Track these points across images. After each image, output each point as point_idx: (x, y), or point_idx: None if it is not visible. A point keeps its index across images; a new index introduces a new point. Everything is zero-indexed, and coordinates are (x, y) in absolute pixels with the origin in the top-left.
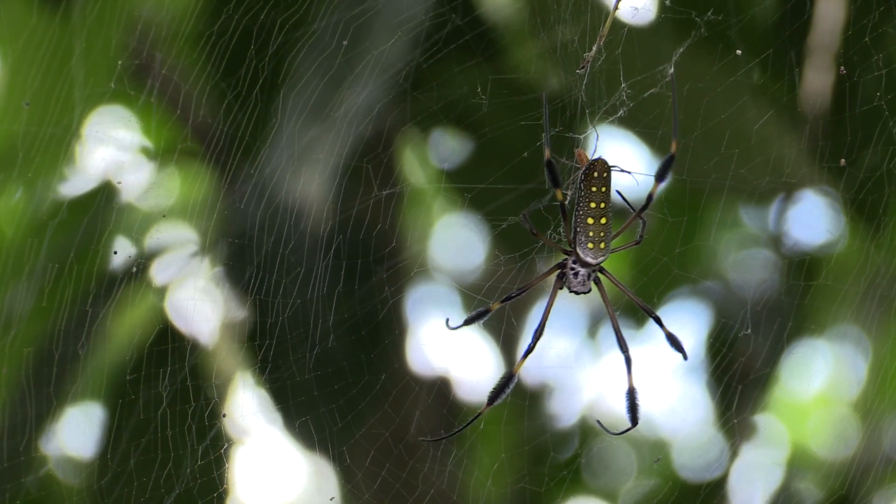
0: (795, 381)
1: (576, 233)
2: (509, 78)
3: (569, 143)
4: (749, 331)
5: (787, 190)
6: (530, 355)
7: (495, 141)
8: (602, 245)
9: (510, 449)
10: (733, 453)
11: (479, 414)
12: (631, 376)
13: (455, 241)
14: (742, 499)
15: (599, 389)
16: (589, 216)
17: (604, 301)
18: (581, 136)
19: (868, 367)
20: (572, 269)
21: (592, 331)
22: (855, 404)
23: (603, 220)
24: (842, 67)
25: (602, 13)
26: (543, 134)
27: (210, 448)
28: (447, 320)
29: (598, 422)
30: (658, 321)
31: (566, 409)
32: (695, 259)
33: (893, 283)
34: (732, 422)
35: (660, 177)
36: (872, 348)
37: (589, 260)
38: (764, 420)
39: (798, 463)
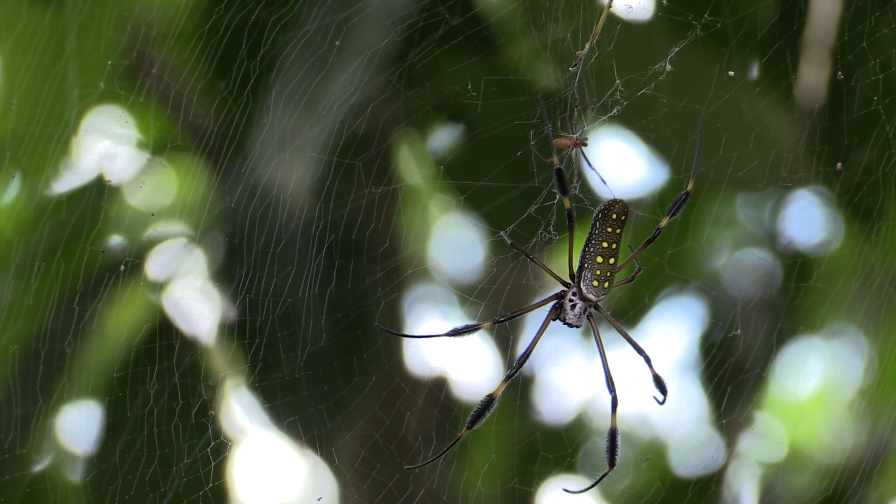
0: (791, 380)
1: (582, 267)
2: (504, 79)
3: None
4: (738, 331)
5: (784, 191)
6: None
7: (489, 141)
8: (606, 284)
9: (502, 448)
10: (729, 451)
11: (459, 438)
12: (615, 417)
13: (449, 242)
14: (737, 496)
15: (593, 388)
16: (598, 254)
17: (595, 337)
18: (575, 135)
19: (864, 366)
20: (571, 301)
21: (586, 331)
22: (851, 403)
23: (611, 260)
24: (839, 73)
25: (596, 11)
26: (549, 141)
27: (198, 446)
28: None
29: (566, 489)
30: (647, 361)
31: (559, 408)
32: (688, 259)
33: (887, 282)
34: (728, 420)
35: (671, 213)
36: (869, 348)
37: (590, 296)
38: (759, 418)
39: (794, 461)
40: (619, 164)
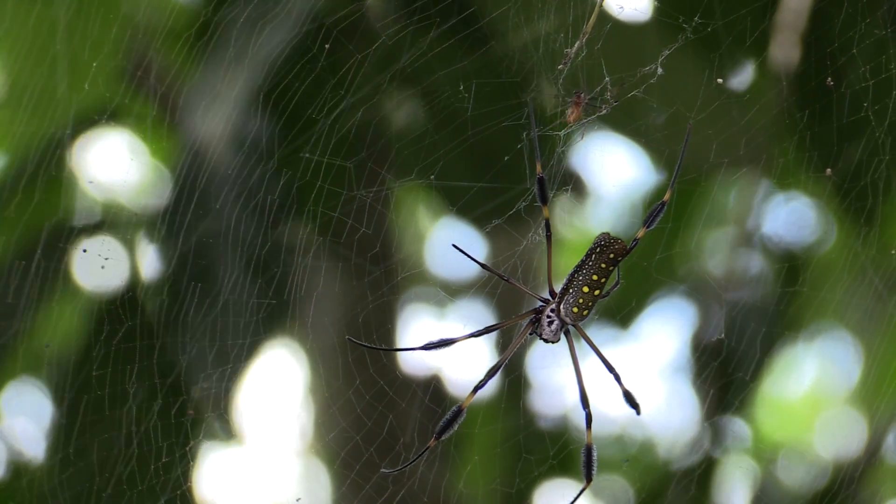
0: (782, 380)
1: (566, 292)
2: (494, 82)
3: (550, 141)
4: (722, 335)
5: (775, 195)
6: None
7: (479, 143)
8: (585, 312)
9: (491, 448)
10: (719, 450)
11: (427, 448)
12: (590, 433)
13: (442, 244)
14: (727, 495)
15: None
16: (585, 285)
17: (571, 354)
18: (561, 134)
19: (857, 366)
20: (549, 317)
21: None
22: (843, 403)
23: (596, 292)
24: (829, 79)
25: (587, 9)
26: (534, 149)
27: (175, 445)
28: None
29: None
30: (617, 378)
31: (550, 409)
32: (680, 262)
33: (877, 279)
34: (718, 420)
35: (648, 223)
36: (860, 348)
37: (567, 319)
38: (751, 418)
39: (785, 460)
40: (609, 168)
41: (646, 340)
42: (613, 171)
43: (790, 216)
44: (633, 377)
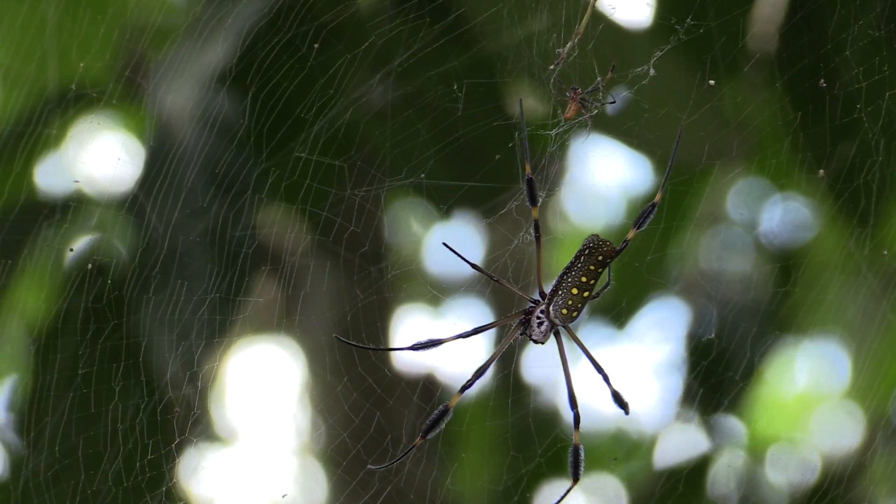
0: (777, 378)
1: (555, 293)
2: (487, 82)
3: (542, 140)
4: (712, 335)
5: (769, 195)
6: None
7: (470, 143)
8: (574, 314)
9: (479, 446)
10: (713, 447)
11: (413, 446)
12: (577, 433)
13: (435, 243)
14: (721, 491)
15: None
16: (575, 287)
17: (560, 355)
18: (552, 133)
19: (850, 365)
20: (538, 318)
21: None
22: (837, 401)
23: (585, 294)
24: (822, 81)
25: (579, 10)
26: (524, 150)
27: (161, 443)
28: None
29: None
30: (606, 379)
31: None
32: (672, 262)
33: (871, 275)
34: (712, 417)
35: (638, 225)
36: (854, 347)
37: (556, 321)
38: (742, 417)
39: (778, 458)
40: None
41: (638, 340)
42: (606, 171)
43: (784, 216)
44: (625, 376)
